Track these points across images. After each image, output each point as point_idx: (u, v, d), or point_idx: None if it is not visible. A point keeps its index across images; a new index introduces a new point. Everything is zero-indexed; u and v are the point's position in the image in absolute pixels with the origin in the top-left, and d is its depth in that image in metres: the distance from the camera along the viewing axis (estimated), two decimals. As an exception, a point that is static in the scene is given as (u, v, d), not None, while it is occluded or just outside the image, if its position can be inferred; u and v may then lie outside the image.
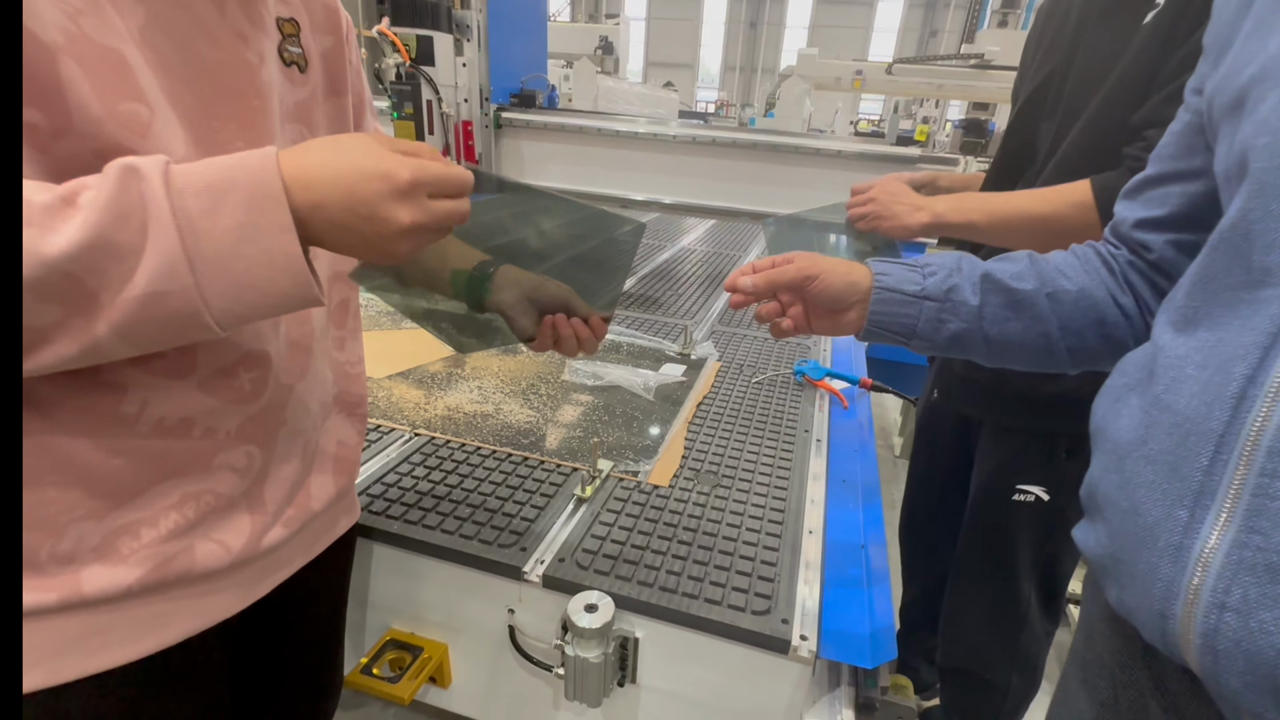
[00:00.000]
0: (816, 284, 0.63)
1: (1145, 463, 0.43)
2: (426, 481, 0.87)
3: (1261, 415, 0.37)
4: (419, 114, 1.52)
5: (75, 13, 0.39)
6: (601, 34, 5.88)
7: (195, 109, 0.45)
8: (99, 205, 0.36)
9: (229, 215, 0.39)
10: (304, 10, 0.56)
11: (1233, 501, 0.38)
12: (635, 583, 0.73)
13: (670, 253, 2.26)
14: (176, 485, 0.50)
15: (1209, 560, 0.38)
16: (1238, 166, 0.41)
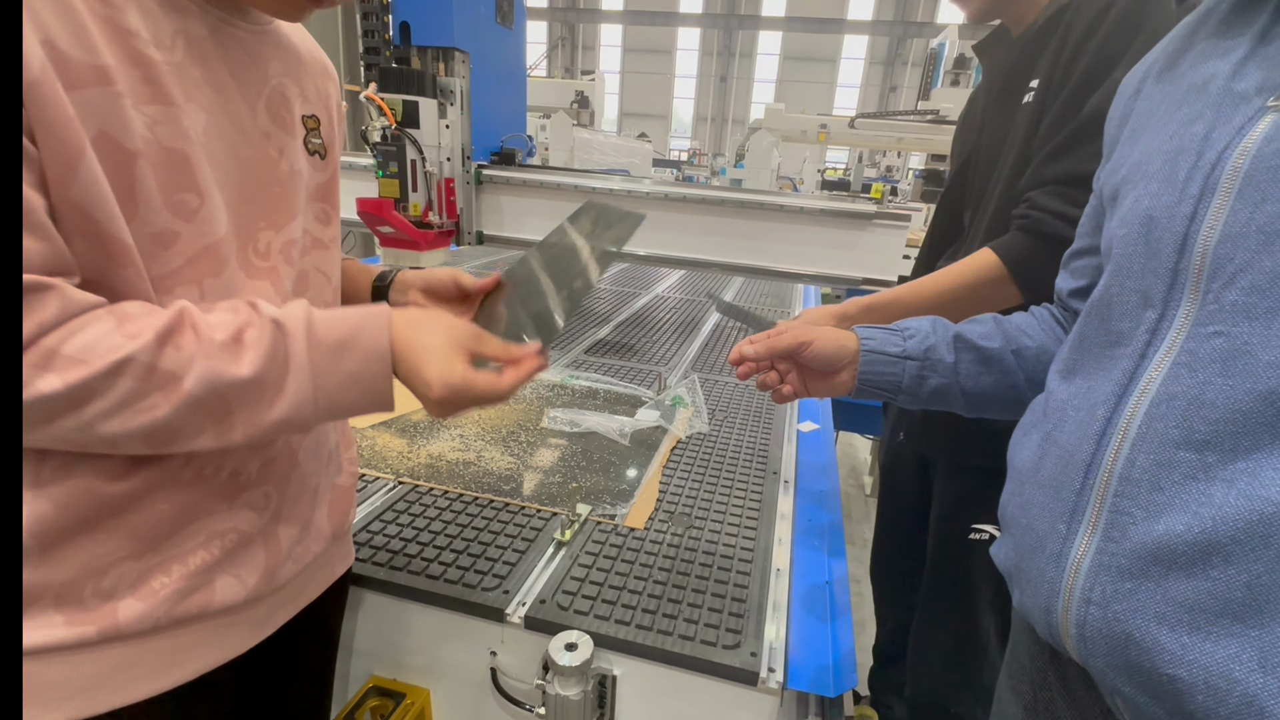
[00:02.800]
0: (810, 350, 0.70)
1: (1038, 487, 0.51)
2: (410, 528, 0.91)
3: (1115, 449, 0.45)
4: (403, 173, 1.59)
5: (154, 123, 0.47)
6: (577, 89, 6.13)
7: (232, 195, 0.54)
8: (261, 350, 0.48)
9: (348, 365, 0.51)
10: (322, 107, 0.65)
11: (1096, 516, 0.46)
12: (613, 621, 0.76)
13: (644, 300, 2.34)
14: (205, 525, 0.55)
15: (1080, 564, 0.47)
16: (1106, 249, 0.51)
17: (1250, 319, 0.40)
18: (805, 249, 1.78)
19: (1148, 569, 0.43)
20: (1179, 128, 0.48)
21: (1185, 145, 0.47)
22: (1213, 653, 0.40)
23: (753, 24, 18.65)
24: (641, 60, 19.84)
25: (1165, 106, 0.51)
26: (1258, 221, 0.40)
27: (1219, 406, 0.40)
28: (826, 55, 18.75)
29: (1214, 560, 0.40)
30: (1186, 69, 0.51)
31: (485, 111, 1.84)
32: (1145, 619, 0.43)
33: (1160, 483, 0.43)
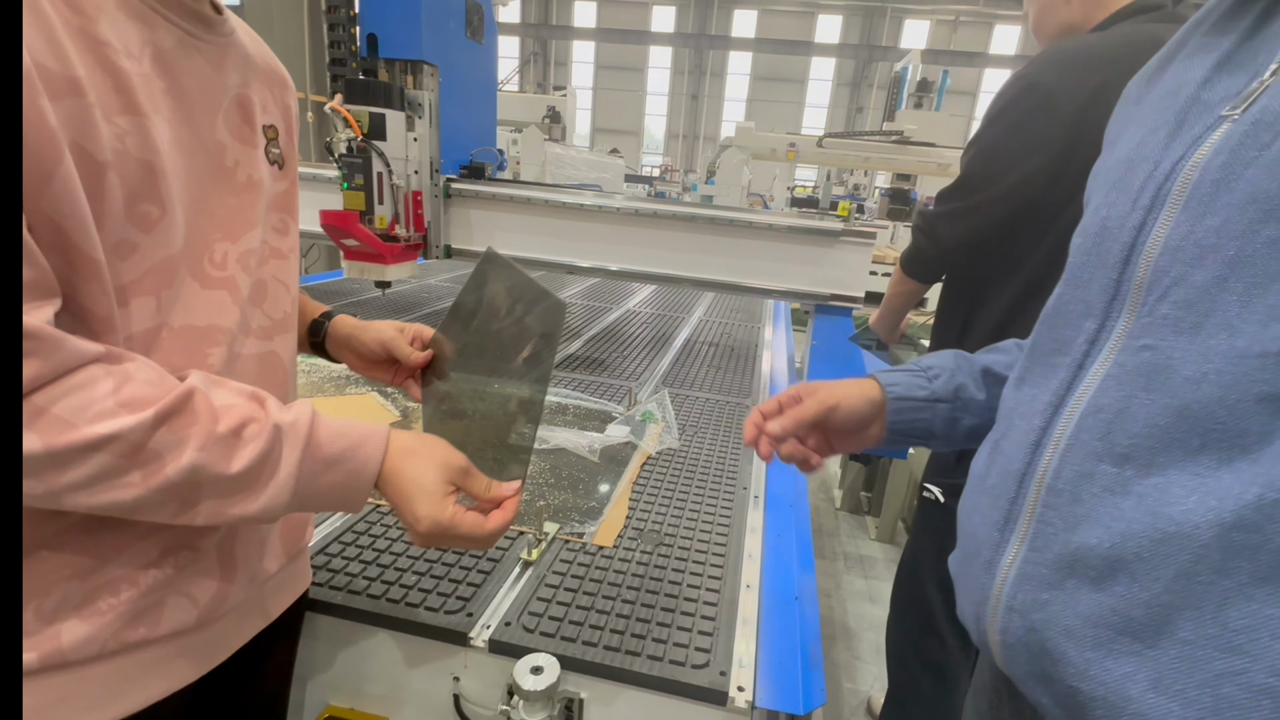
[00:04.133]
0: (840, 413, 0.65)
1: (983, 494, 0.52)
2: (371, 550, 0.88)
3: (1047, 459, 0.45)
4: (369, 185, 1.57)
5: (123, 133, 0.46)
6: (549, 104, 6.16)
7: (190, 205, 0.52)
8: (256, 451, 0.48)
9: (333, 479, 0.53)
10: (280, 117, 0.65)
11: (1025, 526, 0.46)
12: (580, 643, 0.75)
13: (616, 315, 2.34)
14: (157, 540, 0.53)
15: (1009, 572, 0.47)
16: (1066, 257, 0.51)
17: (1177, 333, 0.39)
18: (774, 265, 1.80)
19: (1063, 581, 0.43)
20: (1145, 135, 0.48)
21: (1146, 154, 0.46)
22: (1111, 669, 0.39)
23: (723, 44, 19.02)
24: (614, 77, 20.04)
25: (1141, 113, 0.51)
26: (1195, 235, 0.40)
27: (1139, 420, 0.40)
28: (795, 76, 19.19)
29: (1119, 576, 0.40)
30: (1169, 74, 0.50)
31: (454, 125, 1.83)
32: (1056, 631, 0.43)
33: (1080, 494, 0.43)
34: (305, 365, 1.51)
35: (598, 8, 19.65)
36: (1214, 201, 0.39)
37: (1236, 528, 0.35)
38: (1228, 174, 0.39)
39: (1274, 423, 0.34)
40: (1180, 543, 0.37)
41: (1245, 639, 0.34)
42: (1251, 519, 0.34)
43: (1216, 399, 0.36)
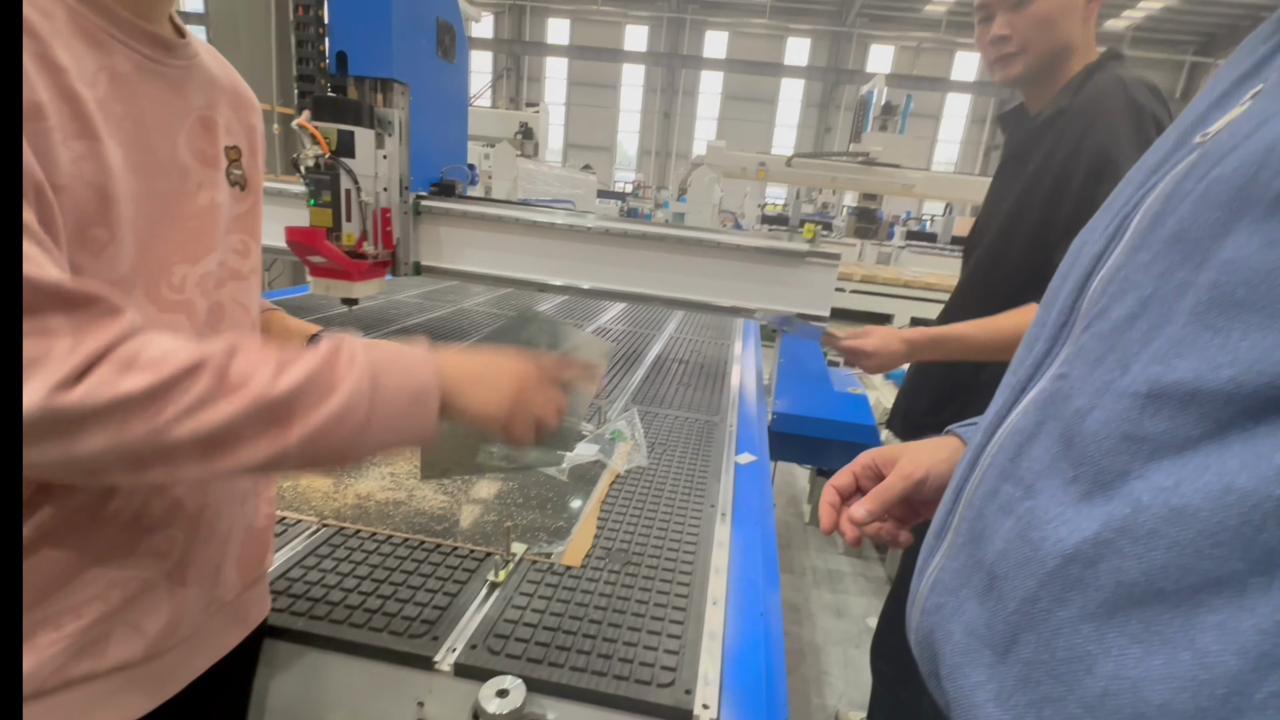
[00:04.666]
0: (929, 484, 0.61)
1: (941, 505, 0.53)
2: (334, 574, 0.86)
3: (976, 476, 0.47)
4: (336, 202, 1.56)
5: (78, 158, 0.46)
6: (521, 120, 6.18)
7: (144, 229, 0.52)
8: (316, 359, 0.49)
9: (399, 373, 0.53)
10: (244, 138, 0.65)
11: (950, 537, 0.48)
12: (547, 664, 0.75)
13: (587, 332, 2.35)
14: (103, 572, 0.52)
15: (931, 576, 0.49)
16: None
17: (1085, 364, 0.39)
18: (743, 285, 1.83)
19: (959, 589, 0.44)
20: (1152, 154, 0.46)
21: (1137, 175, 0.45)
22: (969, 676, 0.41)
23: (695, 64, 19.36)
24: (586, 94, 20.20)
25: (1176, 122, 0.48)
26: (1125, 269, 0.39)
27: (1039, 445, 0.41)
28: (765, 96, 19.62)
29: (993, 592, 0.40)
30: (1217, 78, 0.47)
31: (425, 142, 1.83)
32: (942, 634, 0.45)
33: (984, 511, 0.44)
34: (268, 384, 1.49)
35: (571, 25, 19.84)
36: (1149, 236, 0.38)
37: (1074, 560, 0.35)
38: (1166, 207, 0.38)
39: (1131, 463, 0.34)
40: (1032, 568, 0.37)
41: (1065, 669, 0.35)
42: (1087, 554, 0.34)
43: (1092, 433, 0.36)
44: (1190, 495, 0.30)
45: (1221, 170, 0.34)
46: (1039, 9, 1.14)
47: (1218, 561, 0.29)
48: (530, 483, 1.16)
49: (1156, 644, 0.31)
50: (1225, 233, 0.32)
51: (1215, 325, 0.31)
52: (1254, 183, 0.31)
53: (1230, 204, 0.32)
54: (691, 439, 1.44)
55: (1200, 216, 0.34)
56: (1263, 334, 0.29)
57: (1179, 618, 0.30)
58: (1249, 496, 0.28)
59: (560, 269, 1.89)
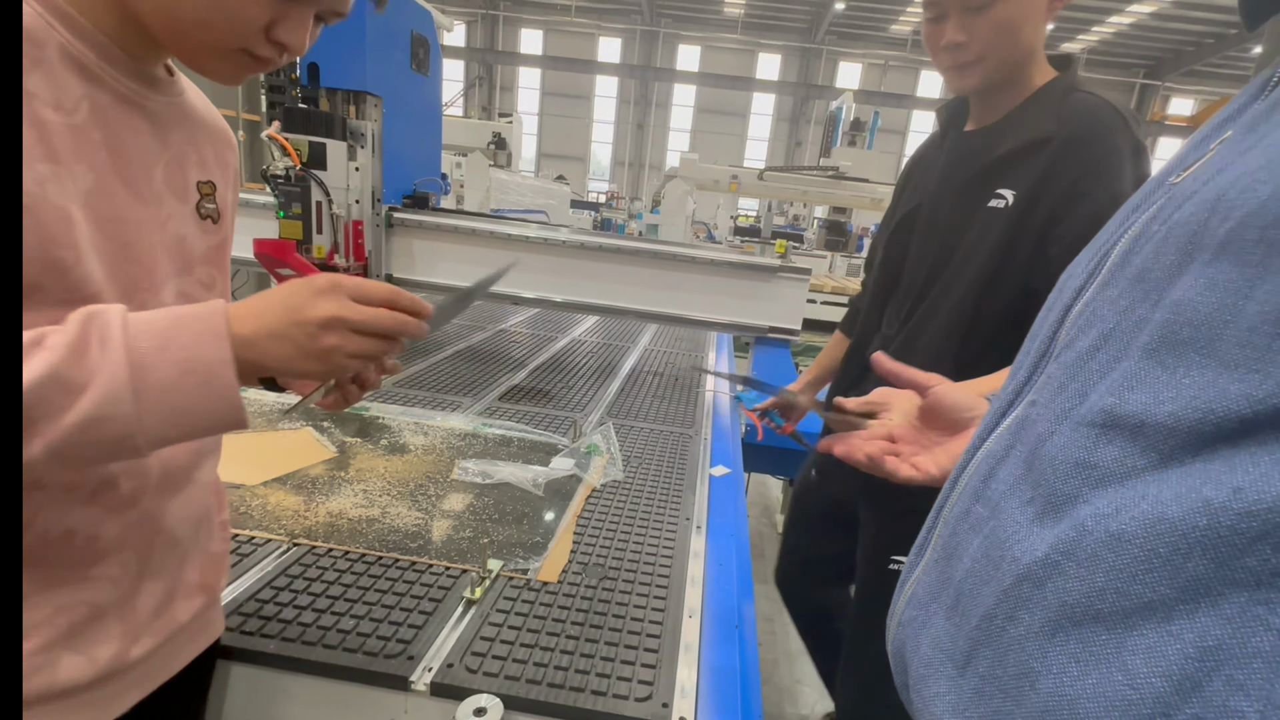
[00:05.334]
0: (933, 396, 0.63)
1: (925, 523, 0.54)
2: (306, 594, 0.85)
3: (954, 499, 0.48)
4: (307, 214, 1.54)
5: (43, 180, 0.46)
6: (494, 130, 6.17)
7: (114, 254, 0.53)
8: (60, 344, 0.43)
9: (177, 351, 0.46)
10: (219, 173, 0.66)
11: (929, 554, 0.50)
12: (524, 681, 0.75)
13: (561, 344, 2.35)
14: (51, 598, 0.51)
15: (908, 591, 0.50)
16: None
17: (1050, 390, 0.41)
18: (716, 298, 1.86)
19: (930, 604, 0.46)
20: (1131, 199, 0.47)
21: (1118, 217, 0.46)
22: (931, 687, 0.42)
23: (668, 76, 19.57)
24: (560, 104, 20.25)
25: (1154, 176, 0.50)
26: (1094, 304, 0.41)
27: (1007, 468, 0.42)
28: (738, 110, 19.92)
29: (959, 607, 0.42)
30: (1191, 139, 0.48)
31: (398, 155, 1.83)
32: (911, 646, 0.46)
33: (957, 529, 0.45)
34: (236, 399, 1.46)
35: (544, 35, 19.90)
36: (1118, 273, 0.40)
37: (1026, 579, 0.36)
38: (1134, 247, 0.39)
39: (1081, 488, 0.35)
40: (992, 585, 0.39)
41: (1014, 684, 0.36)
42: (1037, 574, 0.36)
43: (1050, 458, 0.38)
44: (1127, 522, 0.32)
45: (1180, 214, 0.35)
46: (1001, 13, 1.00)
47: (1148, 587, 0.31)
48: (506, 498, 1.15)
49: (1092, 664, 0.32)
50: (1178, 274, 0.34)
51: (1164, 362, 0.33)
52: (1204, 228, 0.33)
53: (1185, 247, 0.34)
54: (666, 452, 1.46)
55: (1160, 258, 0.36)
56: (1200, 372, 0.31)
57: (1113, 639, 0.32)
58: (1178, 526, 0.30)
59: (533, 282, 1.89)
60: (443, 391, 1.68)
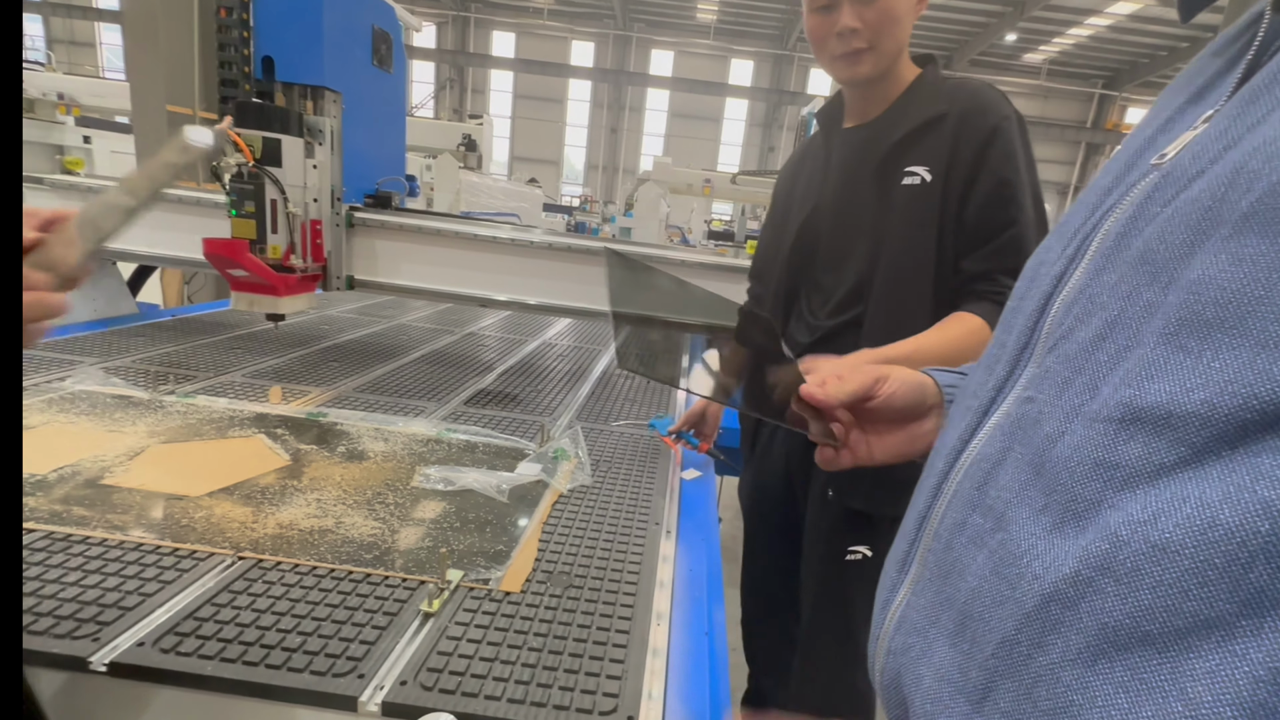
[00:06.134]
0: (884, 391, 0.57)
1: (900, 534, 0.51)
2: (250, 611, 0.80)
3: (942, 504, 0.45)
4: (261, 213, 1.48)
5: None
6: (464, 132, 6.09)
7: None
8: None
9: None
10: None
11: (916, 570, 0.46)
12: (482, 698, 0.71)
13: (531, 347, 2.31)
14: None
15: (895, 614, 0.46)
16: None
17: (1053, 386, 0.38)
18: (686, 298, 1.84)
19: (928, 629, 0.42)
20: (1098, 181, 0.46)
21: (1091, 197, 0.44)
22: None
23: (641, 81, 19.63)
24: (533, 107, 20.15)
25: (1125, 144, 0.48)
26: (1091, 290, 0.38)
27: (1008, 473, 0.39)
28: (711, 115, 20.06)
29: (966, 633, 0.38)
30: (1158, 105, 0.47)
31: (359, 153, 1.77)
32: (910, 678, 0.42)
33: (952, 544, 0.42)
34: (183, 407, 1.39)
35: (516, 38, 19.80)
36: (1114, 257, 0.38)
37: (1054, 600, 0.33)
38: (1131, 228, 0.37)
39: (1104, 491, 0.32)
40: (1010, 608, 0.35)
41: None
42: (1067, 594, 0.32)
43: (1064, 459, 0.35)
44: (1171, 530, 0.29)
45: (1190, 193, 0.33)
46: (887, 4, 1.07)
47: (1204, 603, 0.27)
48: (469, 505, 1.11)
49: (1145, 693, 0.28)
50: (1192, 253, 0.32)
51: (1186, 346, 0.30)
52: (1222, 203, 0.31)
53: (1199, 225, 0.32)
54: (637, 456, 1.43)
55: (1168, 237, 0.34)
56: (1234, 354, 0.28)
57: (1167, 664, 0.28)
58: (1235, 533, 0.27)
59: (505, 284, 1.85)
60: (405, 396, 1.63)
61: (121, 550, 0.88)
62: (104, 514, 0.96)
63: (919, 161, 1.11)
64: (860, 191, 1.18)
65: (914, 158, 1.12)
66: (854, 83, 1.17)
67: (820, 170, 1.27)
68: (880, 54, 1.11)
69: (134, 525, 0.94)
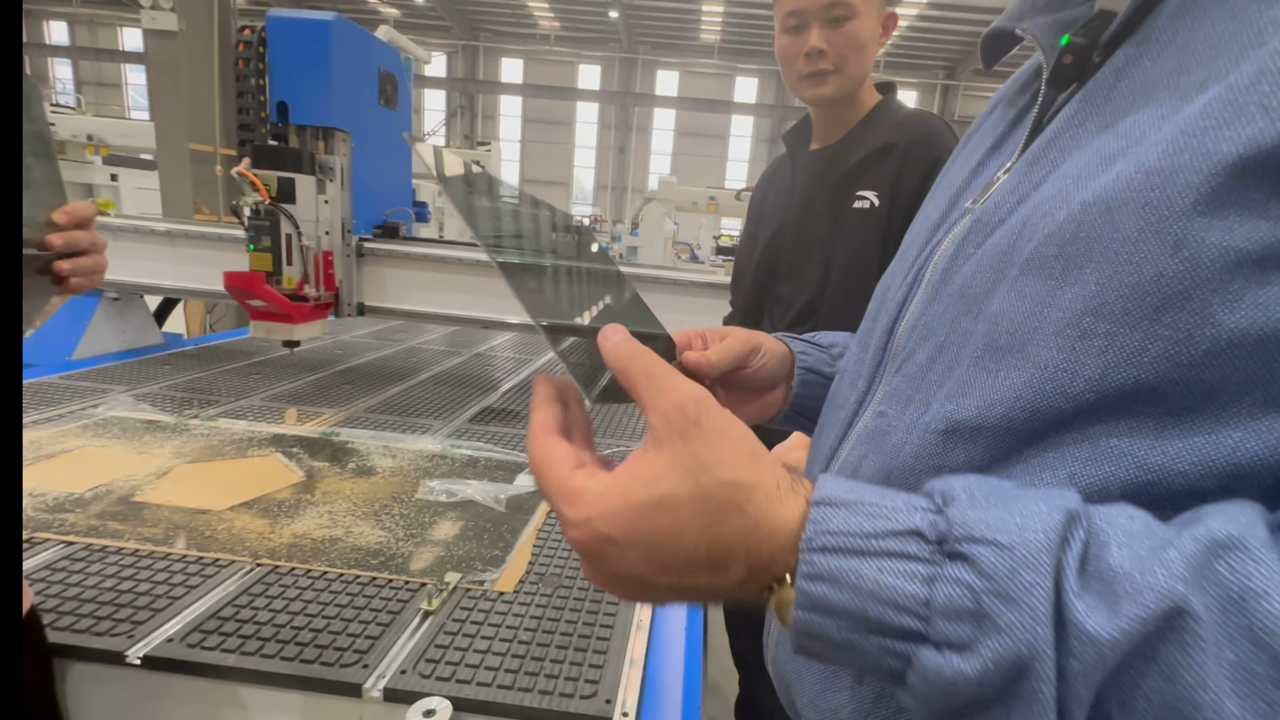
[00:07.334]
0: (759, 360, 0.59)
1: None
2: (267, 611, 0.88)
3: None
4: (277, 247, 1.59)
5: None
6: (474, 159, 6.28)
7: None
8: None
9: None
10: None
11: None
12: (475, 684, 0.78)
13: (537, 364, 2.40)
14: None
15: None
16: None
17: (899, 402, 0.43)
18: (693, 318, 1.92)
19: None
20: (931, 210, 0.50)
21: (922, 232, 0.49)
22: (830, 700, 0.43)
23: (648, 101, 19.95)
24: (542, 130, 20.54)
25: (945, 180, 0.52)
26: (924, 318, 0.43)
27: (863, 476, 0.43)
28: (717, 132, 20.30)
29: None
30: (972, 144, 0.51)
31: (368, 187, 1.89)
32: (798, 668, 0.46)
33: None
34: (206, 429, 1.49)
35: (524, 64, 20.25)
36: (941, 289, 0.43)
37: None
38: (952, 265, 0.43)
39: None
40: None
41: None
42: None
43: (908, 467, 0.40)
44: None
45: (993, 239, 0.40)
46: (854, 29, 1.15)
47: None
48: (469, 515, 1.19)
49: None
50: (994, 289, 0.38)
51: (988, 367, 0.36)
52: (1013, 249, 0.37)
53: (998, 266, 0.38)
54: (630, 466, 1.50)
55: (978, 276, 0.40)
56: (1019, 373, 0.34)
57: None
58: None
59: (513, 307, 1.94)
60: (413, 415, 1.72)
61: (152, 559, 0.97)
62: (136, 527, 1.05)
63: (869, 186, 1.21)
64: (817, 212, 1.28)
65: (865, 183, 1.21)
66: (818, 102, 1.26)
67: (786, 189, 1.37)
68: (844, 77, 1.20)
69: (163, 537, 1.03)
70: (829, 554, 0.29)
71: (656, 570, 0.32)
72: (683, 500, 0.31)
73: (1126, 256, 0.31)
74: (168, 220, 2.34)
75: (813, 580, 0.29)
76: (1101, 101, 0.37)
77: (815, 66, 1.19)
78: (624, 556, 0.32)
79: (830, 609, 0.29)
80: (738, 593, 0.32)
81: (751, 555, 0.31)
